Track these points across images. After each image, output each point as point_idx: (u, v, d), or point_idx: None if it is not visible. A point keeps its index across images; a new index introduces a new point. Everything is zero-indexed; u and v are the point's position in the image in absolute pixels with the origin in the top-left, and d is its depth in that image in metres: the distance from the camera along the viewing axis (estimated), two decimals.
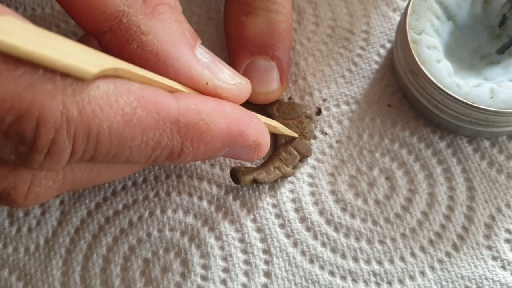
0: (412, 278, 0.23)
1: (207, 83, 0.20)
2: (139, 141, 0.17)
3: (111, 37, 0.20)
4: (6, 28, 0.14)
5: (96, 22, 0.19)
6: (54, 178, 0.20)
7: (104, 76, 0.16)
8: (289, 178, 0.25)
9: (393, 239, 0.24)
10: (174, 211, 0.25)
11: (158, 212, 0.25)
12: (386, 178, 0.25)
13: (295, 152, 0.26)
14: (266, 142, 0.22)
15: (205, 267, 0.24)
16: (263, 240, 0.24)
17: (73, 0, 0.19)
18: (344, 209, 0.25)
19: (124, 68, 0.17)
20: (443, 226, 0.24)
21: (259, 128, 0.21)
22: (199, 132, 0.19)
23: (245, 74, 0.26)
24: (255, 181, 0.24)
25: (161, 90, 0.18)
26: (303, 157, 0.26)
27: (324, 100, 0.27)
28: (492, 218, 0.24)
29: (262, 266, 0.24)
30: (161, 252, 0.24)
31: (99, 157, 0.17)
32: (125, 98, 0.17)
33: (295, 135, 0.26)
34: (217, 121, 0.19)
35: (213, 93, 0.21)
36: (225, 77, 0.21)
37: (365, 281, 0.23)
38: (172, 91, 0.19)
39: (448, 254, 0.24)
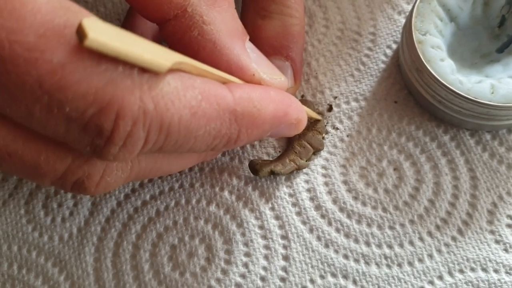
0: (421, 260, 0.25)
1: (253, 75, 0.22)
2: (203, 131, 0.19)
3: (175, 24, 0.21)
4: (93, 27, 0.15)
5: (162, 11, 0.21)
6: (123, 169, 0.21)
7: (171, 71, 0.18)
8: (304, 170, 0.27)
9: (402, 225, 0.26)
10: (198, 201, 0.27)
11: (183, 202, 0.27)
12: (394, 169, 0.27)
13: (309, 146, 0.27)
14: (305, 118, 0.24)
15: (228, 252, 0.26)
16: (281, 226, 0.26)
17: None
18: (355, 198, 0.26)
19: (187, 62, 0.18)
20: (448, 213, 0.26)
21: (299, 106, 0.24)
22: (253, 118, 0.20)
23: None
24: (272, 172, 0.26)
25: (218, 83, 0.20)
26: (316, 151, 0.27)
27: (335, 97, 0.29)
28: (494, 205, 0.26)
29: (281, 250, 0.25)
30: (187, 238, 0.26)
31: (167, 147, 0.18)
32: (191, 93, 0.18)
33: (319, 117, 0.27)
34: (266, 107, 0.21)
35: (257, 84, 0.22)
36: (269, 71, 0.23)
37: (377, 264, 0.25)
38: (224, 82, 0.21)
39: (454, 238, 0.25)
